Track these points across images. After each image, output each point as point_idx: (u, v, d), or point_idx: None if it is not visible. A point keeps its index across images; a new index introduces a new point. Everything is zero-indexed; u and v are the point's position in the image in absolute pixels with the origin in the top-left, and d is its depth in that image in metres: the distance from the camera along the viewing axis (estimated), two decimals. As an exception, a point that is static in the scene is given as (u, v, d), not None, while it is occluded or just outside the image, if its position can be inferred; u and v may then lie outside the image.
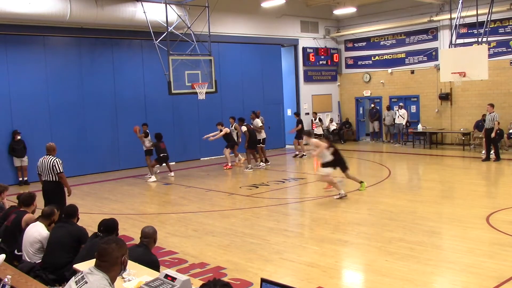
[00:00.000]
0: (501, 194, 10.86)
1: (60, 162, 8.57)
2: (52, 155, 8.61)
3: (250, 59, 19.90)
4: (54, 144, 8.86)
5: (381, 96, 21.76)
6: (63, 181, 8.63)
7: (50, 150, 8.67)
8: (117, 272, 3.34)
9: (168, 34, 14.03)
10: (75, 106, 15.51)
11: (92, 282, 3.18)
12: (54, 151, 8.70)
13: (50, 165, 8.49)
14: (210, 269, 6.74)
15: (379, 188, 12.02)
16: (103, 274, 3.23)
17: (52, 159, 8.53)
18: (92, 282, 3.19)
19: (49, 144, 8.82)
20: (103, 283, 3.20)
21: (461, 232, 8.04)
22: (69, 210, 5.95)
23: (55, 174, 8.52)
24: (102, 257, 3.30)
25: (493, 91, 18.06)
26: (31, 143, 14.49)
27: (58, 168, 8.49)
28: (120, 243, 3.41)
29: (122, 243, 3.42)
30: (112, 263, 3.28)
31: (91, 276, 3.22)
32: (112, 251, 3.30)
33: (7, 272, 4.57)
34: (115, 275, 3.32)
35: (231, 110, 18.79)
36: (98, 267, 3.26)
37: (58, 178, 8.53)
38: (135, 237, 8.12)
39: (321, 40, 22.32)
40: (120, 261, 3.31)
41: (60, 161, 8.58)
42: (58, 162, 8.52)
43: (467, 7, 15.77)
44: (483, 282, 5.87)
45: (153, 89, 16.83)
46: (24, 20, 13.74)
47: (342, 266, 6.94)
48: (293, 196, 12.21)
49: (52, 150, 8.69)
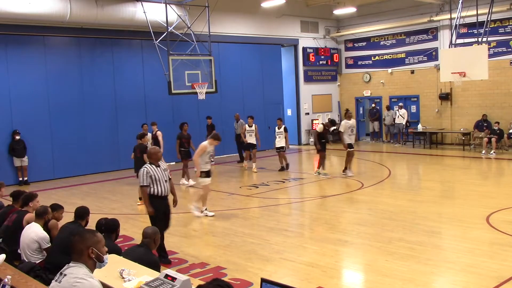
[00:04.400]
0: (501, 194, 10.85)
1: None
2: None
3: (250, 59, 19.90)
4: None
5: (381, 96, 21.76)
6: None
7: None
8: (90, 265, 3.28)
9: (168, 34, 14.03)
10: (75, 106, 15.51)
11: (70, 273, 3.21)
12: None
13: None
14: (210, 269, 6.74)
15: (379, 188, 12.02)
16: (80, 264, 3.24)
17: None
18: (70, 272, 3.21)
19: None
20: (81, 271, 3.20)
21: (461, 232, 8.04)
22: (79, 212, 5.94)
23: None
24: (70, 250, 3.31)
25: (493, 91, 18.05)
26: (31, 143, 14.51)
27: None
28: (84, 235, 3.33)
29: (88, 235, 3.34)
30: (79, 255, 3.26)
31: (68, 269, 3.25)
32: (75, 242, 3.28)
33: (7, 272, 4.57)
34: (89, 267, 3.28)
35: (231, 110, 18.81)
36: (72, 260, 3.28)
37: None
38: (135, 237, 8.13)
39: (321, 40, 22.32)
40: (87, 253, 3.26)
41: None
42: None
43: (467, 7, 15.77)
44: (483, 282, 5.87)
45: (153, 89, 16.84)
46: (24, 20, 13.74)
47: (342, 266, 6.94)
48: (293, 196, 12.20)
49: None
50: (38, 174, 14.72)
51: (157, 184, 7.00)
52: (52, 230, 6.02)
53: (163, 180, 7.05)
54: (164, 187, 7.06)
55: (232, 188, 13.01)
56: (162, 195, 7.06)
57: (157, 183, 7.00)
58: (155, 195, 7.01)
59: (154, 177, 6.96)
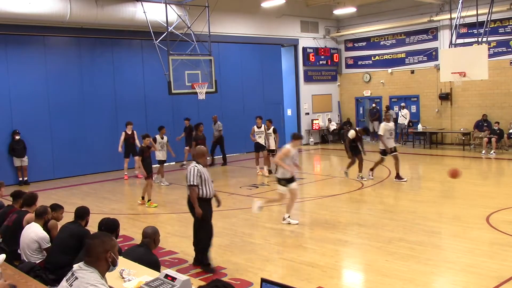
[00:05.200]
0: (501, 194, 10.85)
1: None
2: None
3: (250, 59, 19.90)
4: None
5: (381, 96, 21.76)
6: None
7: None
8: (104, 268, 3.31)
9: (168, 34, 14.02)
10: (75, 106, 15.51)
11: (82, 277, 3.21)
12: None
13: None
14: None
15: (379, 188, 12.02)
16: (92, 268, 3.25)
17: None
18: (82, 277, 3.21)
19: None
20: (93, 277, 3.21)
21: (461, 232, 8.04)
22: (79, 212, 5.93)
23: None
24: (87, 253, 3.31)
25: (493, 91, 18.06)
26: (31, 143, 14.51)
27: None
28: (105, 238, 3.37)
29: (107, 239, 3.38)
30: (96, 258, 3.27)
31: (80, 272, 3.24)
32: (95, 246, 3.29)
33: (7, 272, 4.57)
34: (102, 271, 3.30)
35: (231, 110, 18.83)
36: (86, 263, 3.28)
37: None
38: (135, 237, 8.13)
39: (321, 40, 22.32)
40: (104, 257, 3.28)
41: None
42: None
43: (467, 7, 15.77)
44: (483, 282, 5.87)
45: (153, 89, 16.84)
46: (24, 20, 13.74)
47: (342, 266, 6.94)
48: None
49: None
50: (38, 174, 14.73)
51: (205, 185, 6.66)
52: (52, 230, 6.01)
53: (210, 181, 6.76)
54: (211, 188, 6.77)
55: (232, 188, 13.01)
56: (209, 197, 6.75)
57: (205, 184, 6.66)
58: (202, 197, 6.66)
59: (203, 177, 6.63)
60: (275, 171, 14.38)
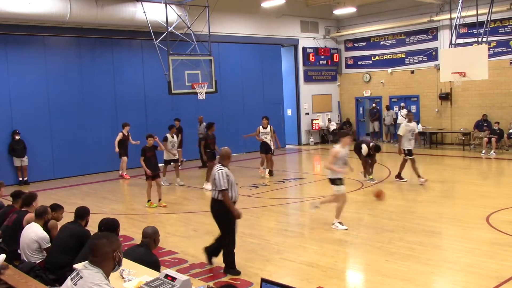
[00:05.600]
0: (501, 194, 10.85)
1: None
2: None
3: (250, 59, 19.90)
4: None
5: (381, 96, 21.76)
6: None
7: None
8: (110, 268, 3.33)
9: (168, 34, 14.02)
10: (75, 106, 15.51)
11: (86, 277, 3.22)
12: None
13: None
14: (210, 269, 6.74)
15: (379, 188, 11.99)
16: (97, 268, 3.26)
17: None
18: (87, 276, 3.22)
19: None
20: (97, 277, 3.23)
21: (461, 232, 8.04)
22: (79, 212, 5.94)
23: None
24: (93, 253, 3.32)
25: (493, 91, 18.06)
26: (31, 143, 14.51)
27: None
28: (111, 238, 3.39)
29: (113, 238, 3.41)
30: (103, 258, 3.29)
31: (85, 271, 3.26)
32: (102, 246, 3.30)
33: (7, 272, 4.58)
34: (108, 271, 3.32)
35: (231, 110, 18.82)
36: (91, 262, 3.29)
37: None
38: (135, 237, 8.13)
39: (321, 40, 22.32)
40: (111, 256, 3.30)
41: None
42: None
43: (467, 7, 15.77)
44: (483, 282, 5.88)
45: (153, 89, 16.83)
46: (24, 20, 13.73)
47: (342, 266, 6.94)
48: (293, 196, 12.21)
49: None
50: (38, 174, 14.72)
51: (232, 189, 6.45)
52: (52, 230, 6.02)
53: (235, 184, 6.56)
54: (237, 192, 6.58)
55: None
56: (234, 201, 6.54)
57: (232, 187, 6.45)
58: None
59: (230, 180, 6.41)
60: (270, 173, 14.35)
